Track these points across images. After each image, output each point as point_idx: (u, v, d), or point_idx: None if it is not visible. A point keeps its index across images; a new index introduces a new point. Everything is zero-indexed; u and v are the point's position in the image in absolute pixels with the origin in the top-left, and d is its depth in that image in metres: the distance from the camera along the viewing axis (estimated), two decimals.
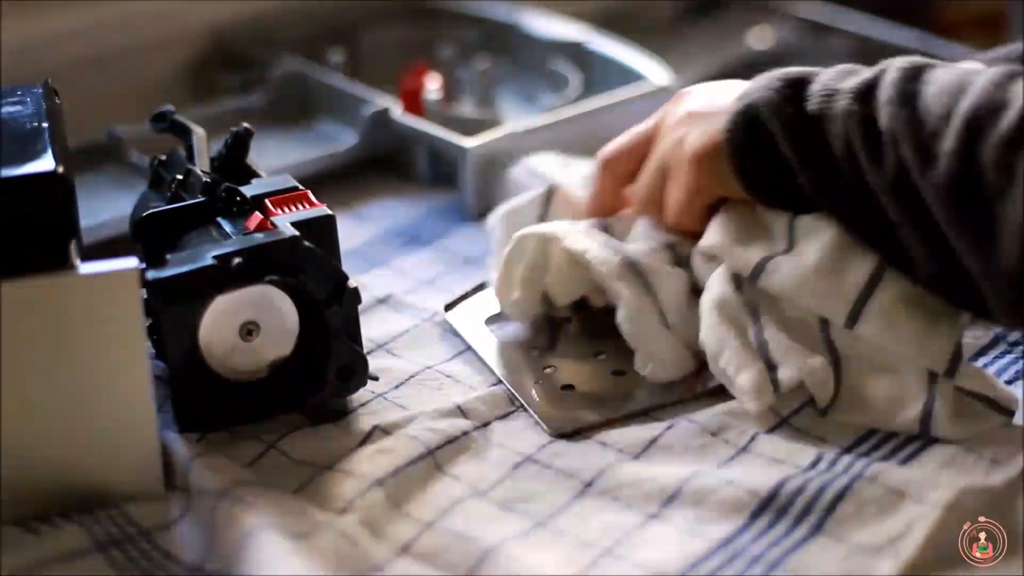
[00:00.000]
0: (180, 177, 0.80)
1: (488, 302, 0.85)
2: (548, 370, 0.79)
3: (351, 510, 0.69)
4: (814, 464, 0.70)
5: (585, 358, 0.80)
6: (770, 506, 0.68)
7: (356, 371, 0.75)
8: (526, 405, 0.76)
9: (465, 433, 0.74)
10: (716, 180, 0.77)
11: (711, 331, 0.75)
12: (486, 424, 0.75)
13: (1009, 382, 0.76)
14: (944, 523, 0.65)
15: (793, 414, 0.74)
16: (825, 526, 0.67)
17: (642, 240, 0.81)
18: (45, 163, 0.68)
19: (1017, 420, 0.72)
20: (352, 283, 0.74)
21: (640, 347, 0.78)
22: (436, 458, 0.72)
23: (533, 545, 0.67)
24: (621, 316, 0.77)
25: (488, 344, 0.82)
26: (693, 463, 0.71)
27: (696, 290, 0.79)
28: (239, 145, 0.81)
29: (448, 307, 0.85)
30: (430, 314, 0.85)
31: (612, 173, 0.84)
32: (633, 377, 0.78)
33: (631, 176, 0.83)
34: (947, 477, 0.68)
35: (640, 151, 0.83)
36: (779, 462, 0.71)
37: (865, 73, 0.72)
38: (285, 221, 0.74)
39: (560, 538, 0.68)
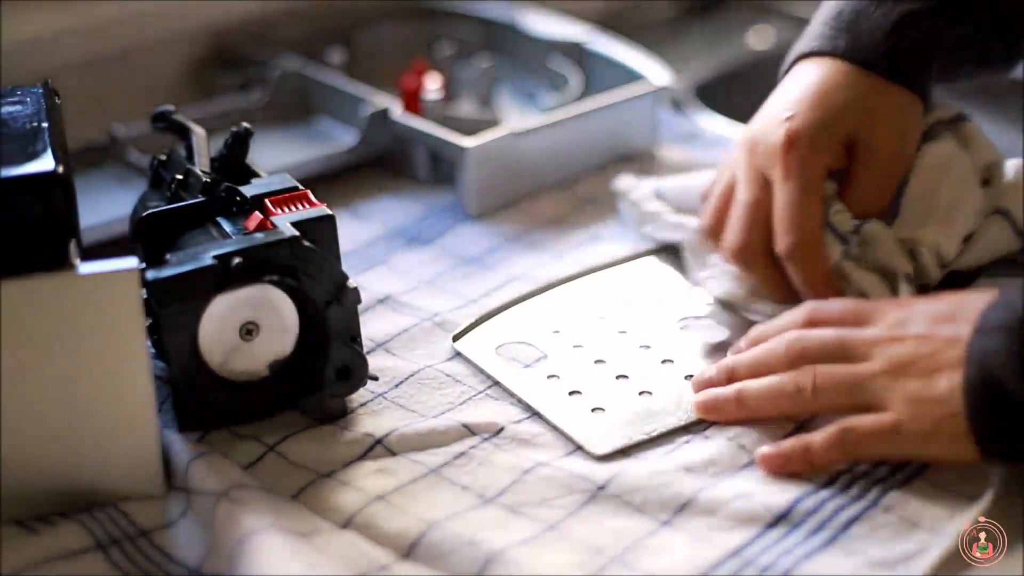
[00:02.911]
0: (180, 177, 0.80)
1: (495, 329, 0.84)
2: (573, 395, 0.78)
3: (353, 522, 0.69)
4: (828, 484, 0.70)
5: (608, 381, 0.79)
6: (783, 521, 0.68)
7: (356, 371, 0.75)
8: (565, 431, 0.74)
9: (472, 447, 0.74)
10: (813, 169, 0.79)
11: None
12: (497, 432, 0.75)
13: None
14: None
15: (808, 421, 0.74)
16: (837, 540, 0.67)
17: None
18: (45, 163, 0.68)
19: None
20: (352, 283, 0.74)
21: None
22: (441, 474, 0.72)
23: (541, 549, 0.67)
24: None
25: (506, 371, 0.80)
26: (707, 469, 0.71)
27: None
28: (239, 145, 0.81)
29: (456, 337, 0.83)
30: (430, 314, 0.85)
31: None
32: (660, 397, 0.77)
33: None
34: (962, 511, 0.68)
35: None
36: (794, 476, 0.70)
37: None
38: (285, 221, 0.74)
39: (569, 543, 0.67)
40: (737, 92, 1.19)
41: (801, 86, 0.82)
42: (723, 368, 0.76)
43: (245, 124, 0.81)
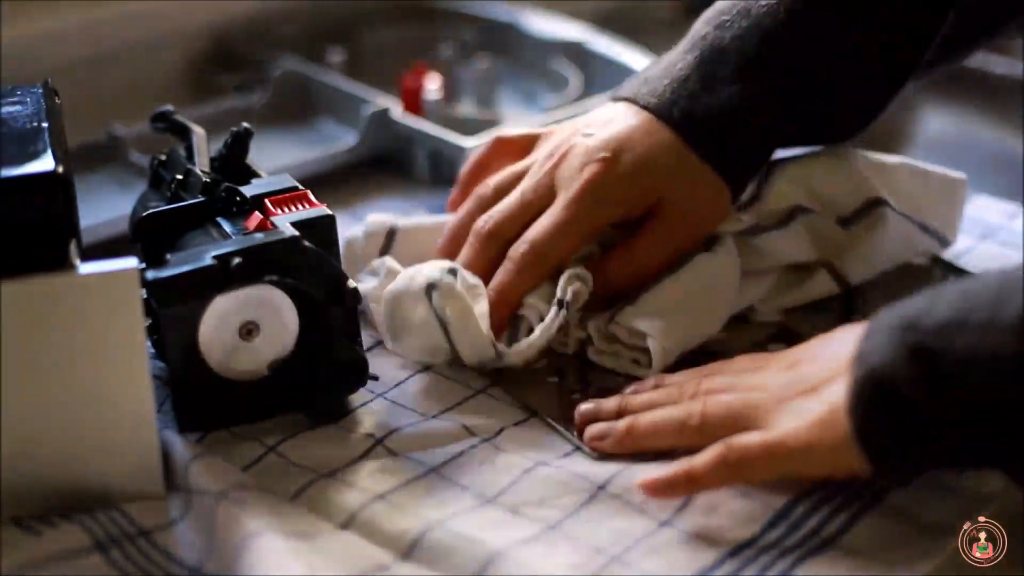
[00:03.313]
0: (180, 177, 0.80)
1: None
2: (574, 395, 0.77)
3: (353, 522, 0.69)
4: (829, 483, 0.69)
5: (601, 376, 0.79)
6: (783, 520, 0.68)
7: (356, 371, 0.75)
8: (563, 431, 0.74)
9: (472, 447, 0.74)
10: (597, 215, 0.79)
11: None
12: (497, 433, 0.75)
13: None
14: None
15: None
16: (838, 540, 0.67)
17: None
18: (45, 163, 0.68)
19: None
20: (352, 283, 0.74)
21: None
22: (442, 473, 0.72)
23: (541, 549, 0.67)
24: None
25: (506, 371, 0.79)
26: None
27: None
28: (239, 145, 0.81)
29: None
30: None
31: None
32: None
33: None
34: (962, 511, 0.67)
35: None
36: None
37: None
38: (285, 221, 0.74)
39: (570, 543, 0.67)
40: None
41: (627, 132, 0.80)
42: (615, 405, 0.74)
43: (245, 124, 0.81)
